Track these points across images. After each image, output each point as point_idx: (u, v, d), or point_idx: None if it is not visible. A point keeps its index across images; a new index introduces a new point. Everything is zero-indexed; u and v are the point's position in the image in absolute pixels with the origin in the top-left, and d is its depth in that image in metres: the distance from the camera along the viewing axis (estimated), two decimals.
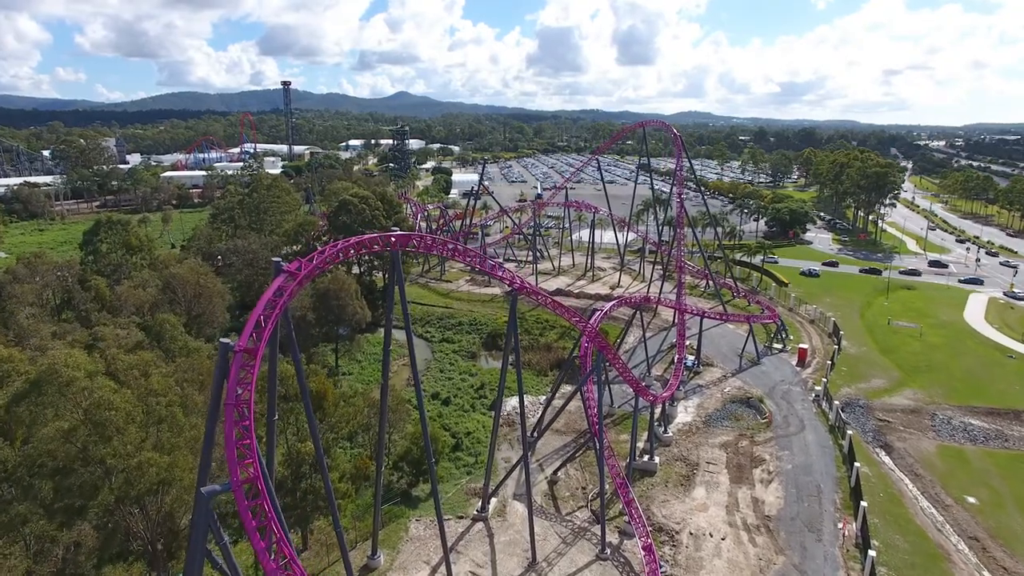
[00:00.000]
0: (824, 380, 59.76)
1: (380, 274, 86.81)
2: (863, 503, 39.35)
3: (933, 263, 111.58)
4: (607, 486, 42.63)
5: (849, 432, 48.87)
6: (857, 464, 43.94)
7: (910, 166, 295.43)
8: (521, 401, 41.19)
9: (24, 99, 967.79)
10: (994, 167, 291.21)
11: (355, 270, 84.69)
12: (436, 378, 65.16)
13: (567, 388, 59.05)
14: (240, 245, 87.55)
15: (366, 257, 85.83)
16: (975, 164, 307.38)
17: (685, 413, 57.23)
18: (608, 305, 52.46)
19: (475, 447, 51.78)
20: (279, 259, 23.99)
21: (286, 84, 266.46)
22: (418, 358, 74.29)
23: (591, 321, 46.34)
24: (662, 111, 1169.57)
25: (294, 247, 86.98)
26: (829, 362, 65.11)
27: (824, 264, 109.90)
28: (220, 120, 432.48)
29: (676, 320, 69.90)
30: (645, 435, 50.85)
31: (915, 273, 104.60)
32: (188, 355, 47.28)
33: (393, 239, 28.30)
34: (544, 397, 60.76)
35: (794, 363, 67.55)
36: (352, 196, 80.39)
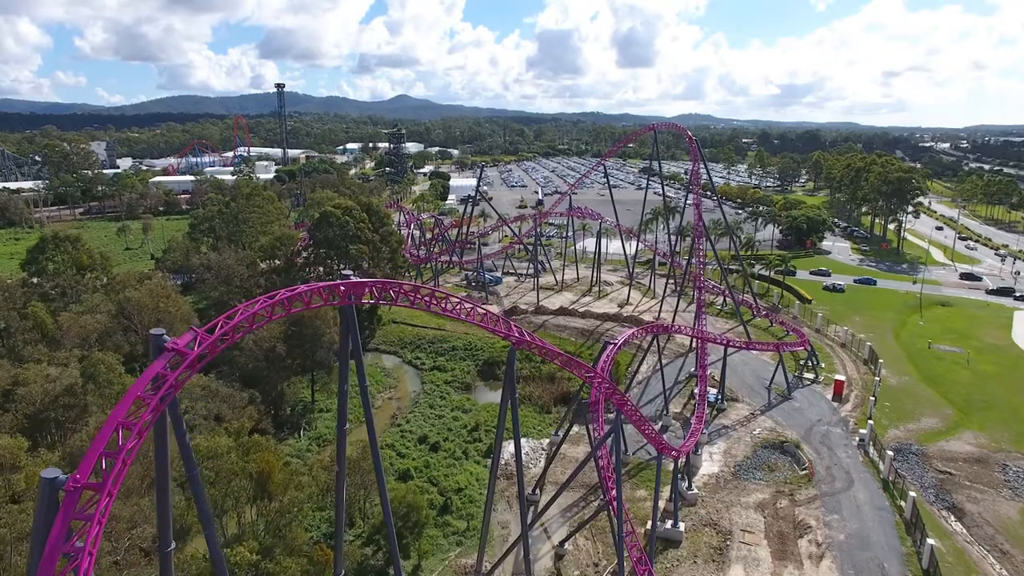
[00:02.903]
0: (869, 421, 52.01)
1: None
2: None
3: (965, 275, 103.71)
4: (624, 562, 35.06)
5: (912, 494, 41.09)
6: (931, 541, 36.13)
7: (918, 168, 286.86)
8: (519, 469, 33.62)
9: (23, 103, 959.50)
10: (1006, 169, 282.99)
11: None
12: (425, 416, 57.40)
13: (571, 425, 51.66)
14: (214, 260, 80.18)
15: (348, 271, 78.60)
16: (986, 167, 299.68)
17: (711, 462, 49.50)
18: (622, 338, 44.91)
19: (467, 508, 44.00)
20: (161, 332, 16.43)
21: (280, 87, 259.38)
22: (407, 389, 67.56)
23: (599, 364, 38.94)
24: (662, 113, 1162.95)
25: (273, 262, 79.43)
26: (872, 397, 57.28)
27: (857, 280, 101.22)
28: (218, 123, 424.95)
29: (695, 346, 62.41)
30: (664, 490, 43.27)
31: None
32: None
33: (342, 288, 20.71)
34: (547, 440, 53.21)
35: (829, 397, 59.80)
36: (334, 208, 72.79)
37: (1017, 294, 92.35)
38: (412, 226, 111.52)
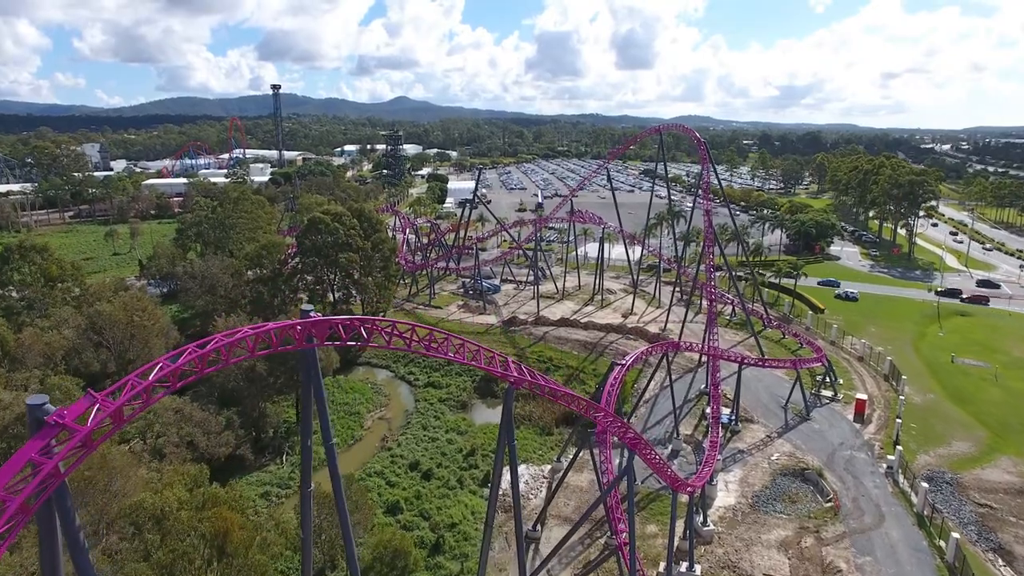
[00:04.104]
0: (897, 447, 48.05)
1: (357, 299, 75.29)
2: None
3: (982, 282, 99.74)
4: None
5: (954, 535, 37.14)
6: None
7: (929, 170, 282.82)
8: (517, 507, 29.72)
9: (21, 104, 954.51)
10: (1011, 171, 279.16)
11: (330, 296, 73.29)
12: (417, 439, 53.40)
13: (571, 449, 47.66)
14: (198, 268, 76.33)
15: (339, 281, 74.56)
16: (990, 169, 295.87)
17: (726, 492, 45.53)
18: (630, 359, 41.21)
19: (461, 547, 40.00)
20: (42, 401, 12.49)
21: (276, 88, 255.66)
22: (399, 407, 63.56)
23: (605, 390, 35.10)
24: (661, 115, 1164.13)
25: (261, 270, 75.46)
26: (897, 419, 53.29)
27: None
28: (215, 125, 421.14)
29: (706, 362, 58.53)
30: (678, 524, 39.29)
31: None
32: None
33: (299, 328, 16.79)
34: (549, 467, 49.27)
35: (850, 417, 55.82)
36: (323, 214, 68.95)
37: None
38: (407, 231, 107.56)
